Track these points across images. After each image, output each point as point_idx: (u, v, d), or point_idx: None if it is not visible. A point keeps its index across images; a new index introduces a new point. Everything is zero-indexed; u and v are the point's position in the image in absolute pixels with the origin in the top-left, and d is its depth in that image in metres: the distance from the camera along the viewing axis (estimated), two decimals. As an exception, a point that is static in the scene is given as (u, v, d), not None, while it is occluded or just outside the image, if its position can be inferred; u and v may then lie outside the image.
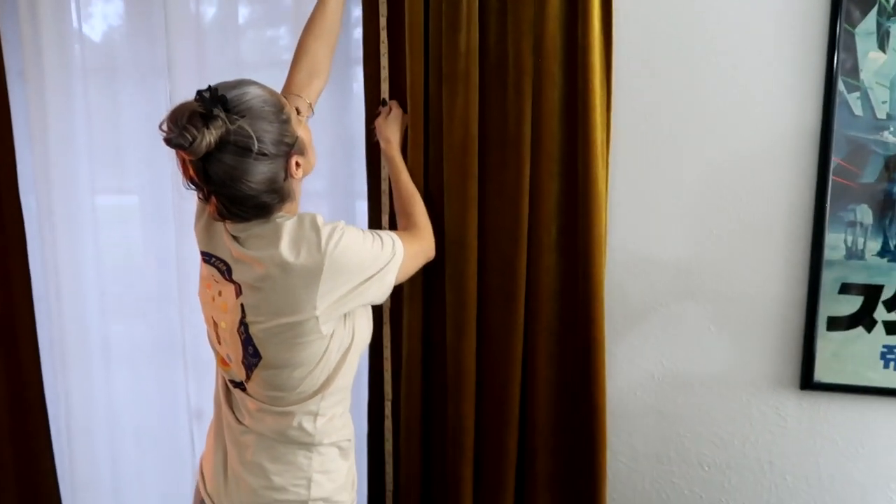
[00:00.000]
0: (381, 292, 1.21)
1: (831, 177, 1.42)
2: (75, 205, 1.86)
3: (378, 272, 1.18)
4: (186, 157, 1.05)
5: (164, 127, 1.03)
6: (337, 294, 1.13)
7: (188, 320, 1.81)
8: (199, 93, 1.03)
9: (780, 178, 1.46)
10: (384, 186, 1.50)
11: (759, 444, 1.56)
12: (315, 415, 1.20)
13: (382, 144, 1.44)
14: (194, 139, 1.00)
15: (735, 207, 1.49)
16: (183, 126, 1.01)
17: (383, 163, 1.48)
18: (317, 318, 1.11)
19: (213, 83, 1.08)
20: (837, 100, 1.40)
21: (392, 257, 1.21)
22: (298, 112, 1.18)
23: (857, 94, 1.39)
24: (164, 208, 1.82)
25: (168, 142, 1.02)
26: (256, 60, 1.76)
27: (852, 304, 1.46)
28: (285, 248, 1.09)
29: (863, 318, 1.46)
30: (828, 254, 1.45)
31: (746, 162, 1.47)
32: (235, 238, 1.15)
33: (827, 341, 1.48)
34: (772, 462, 1.56)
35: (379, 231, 1.23)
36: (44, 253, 1.91)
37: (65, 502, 2.01)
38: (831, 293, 1.46)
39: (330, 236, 1.11)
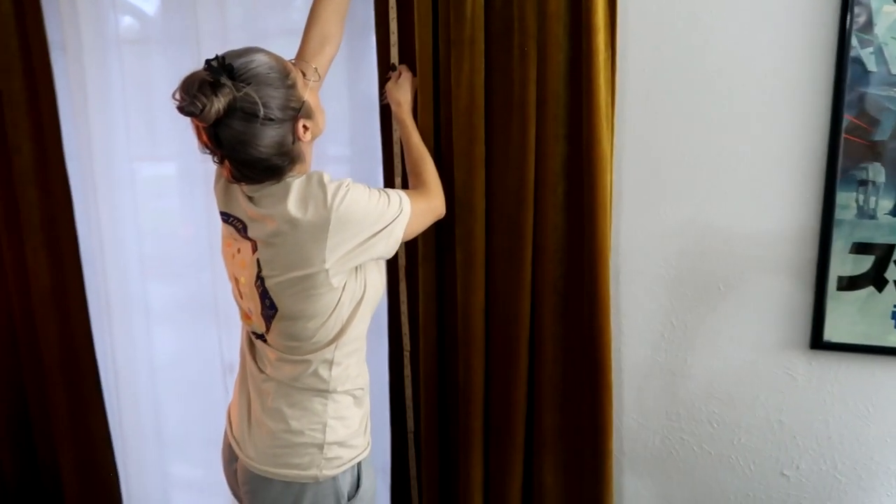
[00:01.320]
0: (388, 247, 1.26)
1: (843, 134, 1.41)
2: (115, 171, 1.97)
3: (385, 227, 1.23)
4: (199, 124, 1.12)
5: (177, 96, 1.10)
6: (345, 248, 1.19)
7: (220, 281, 1.91)
8: (208, 62, 1.09)
9: (791, 136, 1.46)
10: (396, 149, 1.55)
11: (768, 402, 1.58)
12: (330, 363, 1.28)
13: (393, 107, 1.48)
14: (204, 107, 1.07)
15: (745, 166, 1.49)
16: (193, 94, 1.07)
17: (394, 125, 1.53)
18: (326, 270, 1.18)
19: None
20: (850, 55, 1.38)
21: (399, 213, 1.25)
22: (306, 77, 1.23)
23: (871, 49, 1.37)
24: (197, 175, 1.92)
25: (180, 110, 1.09)
26: (280, 28, 1.82)
27: (863, 263, 1.45)
28: (293, 205, 1.16)
29: (874, 278, 1.46)
30: (839, 213, 1.44)
31: (756, 120, 1.47)
32: (250, 198, 1.22)
33: (837, 301, 1.48)
34: (781, 421, 1.58)
35: (386, 189, 1.28)
36: (88, 217, 2.03)
37: (115, 448, 2.18)
38: (842, 253, 1.46)
39: (336, 193, 1.17)
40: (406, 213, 1.27)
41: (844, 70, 1.39)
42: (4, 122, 1.98)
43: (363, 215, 1.19)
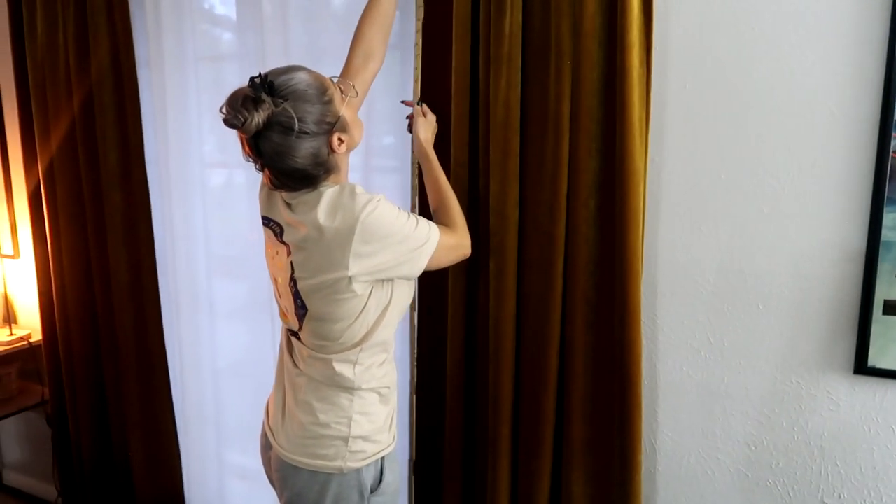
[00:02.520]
0: (412, 271, 1.31)
1: (891, 153, 1.37)
2: (188, 177, 2.13)
3: (412, 251, 1.28)
4: (242, 135, 1.22)
5: (223, 110, 1.20)
6: (370, 262, 1.24)
7: (275, 281, 2.03)
8: (252, 79, 1.19)
9: (837, 154, 1.42)
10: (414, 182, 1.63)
11: (808, 427, 1.53)
12: (354, 363, 1.35)
13: (421, 141, 1.53)
14: (245, 120, 1.17)
15: (789, 184, 1.46)
16: (237, 109, 1.17)
17: (419, 160, 1.59)
18: (349, 277, 1.25)
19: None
20: (899, 73, 1.33)
21: (426, 241, 1.30)
22: (344, 93, 1.31)
23: (920, 66, 1.32)
24: (258, 182, 2.05)
25: (225, 122, 1.19)
26: (335, 47, 1.92)
27: (911, 287, 1.40)
28: (322, 213, 1.24)
29: (923, 303, 1.39)
30: (885, 235, 1.39)
31: (802, 138, 1.44)
32: (288, 205, 1.31)
33: (883, 326, 1.43)
34: (822, 447, 1.53)
35: (418, 216, 1.33)
36: (162, 219, 2.20)
37: (179, 435, 2.33)
38: (889, 276, 1.40)
39: (365, 205, 1.23)
40: (433, 243, 1.30)
41: (893, 87, 1.34)
42: (95, 132, 2.19)
43: (389, 231, 1.25)
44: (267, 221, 1.39)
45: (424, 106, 1.60)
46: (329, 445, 1.35)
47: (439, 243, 1.32)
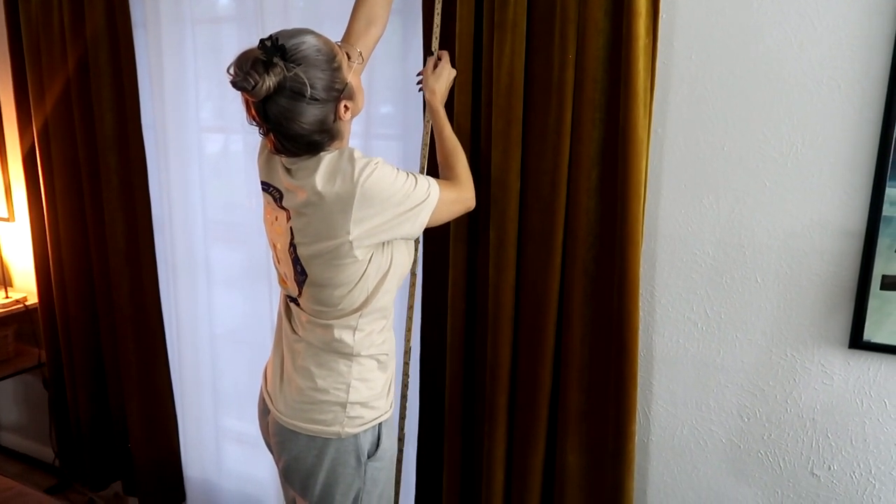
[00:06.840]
0: (414, 229, 1.31)
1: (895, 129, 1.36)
2: (185, 141, 2.11)
3: (411, 209, 1.27)
4: (249, 99, 1.20)
5: (231, 71, 1.17)
6: (370, 224, 1.24)
7: (273, 247, 2.02)
8: (262, 41, 1.17)
9: (841, 128, 1.41)
10: (426, 139, 1.59)
11: (801, 400, 1.55)
12: (354, 329, 1.35)
13: (427, 95, 1.52)
14: (256, 83, 1.14)
15: (791, 158, 1.45)
16: (247, 71, 1.14)
17: (426, 114, 1.57)
18: (350, 242, 1.24)
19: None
20: (907, 45, 1.32)
21: (426, 198, 1.29)
22: (350, 59, 1.29)
23: (929, 40, 1.31)
24: (256, 149, 2.03)
25: (234, 84, 1.16)
26: (336, 11, 1.89)
27: (910, 263, 1.40)
28: (321, 178, 1.23)
29: (921, 279, 1.40)
30: (887, 209, 1.39)
31: (806, 111, 1.43)
32: (288, 170, 1.30)
33: (880, 300, 1.43)
34: (814, 419, 1.54)
35: (418, 173, 1.33)
36: (159, 183, 2.19)
37: (175, 400, 2.34)
38: (888, 251, 1.41)
39: (363, 168, 1.23)
40: (433, 199, 1.30)
41: (900, 60, 1.33)
42: (90, 94, 2.15)
43: (388, 193, 1.24)
44: (266, 187, 1.38)
45: (443, 57, 1.55)
46: (327, 411, 1.35)
47: (440, 198, 1.32)
